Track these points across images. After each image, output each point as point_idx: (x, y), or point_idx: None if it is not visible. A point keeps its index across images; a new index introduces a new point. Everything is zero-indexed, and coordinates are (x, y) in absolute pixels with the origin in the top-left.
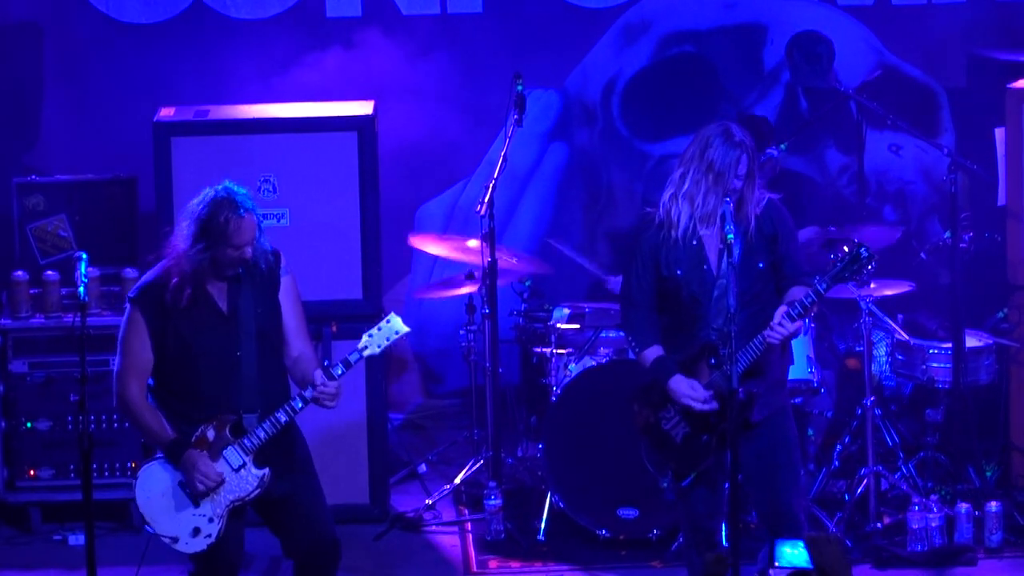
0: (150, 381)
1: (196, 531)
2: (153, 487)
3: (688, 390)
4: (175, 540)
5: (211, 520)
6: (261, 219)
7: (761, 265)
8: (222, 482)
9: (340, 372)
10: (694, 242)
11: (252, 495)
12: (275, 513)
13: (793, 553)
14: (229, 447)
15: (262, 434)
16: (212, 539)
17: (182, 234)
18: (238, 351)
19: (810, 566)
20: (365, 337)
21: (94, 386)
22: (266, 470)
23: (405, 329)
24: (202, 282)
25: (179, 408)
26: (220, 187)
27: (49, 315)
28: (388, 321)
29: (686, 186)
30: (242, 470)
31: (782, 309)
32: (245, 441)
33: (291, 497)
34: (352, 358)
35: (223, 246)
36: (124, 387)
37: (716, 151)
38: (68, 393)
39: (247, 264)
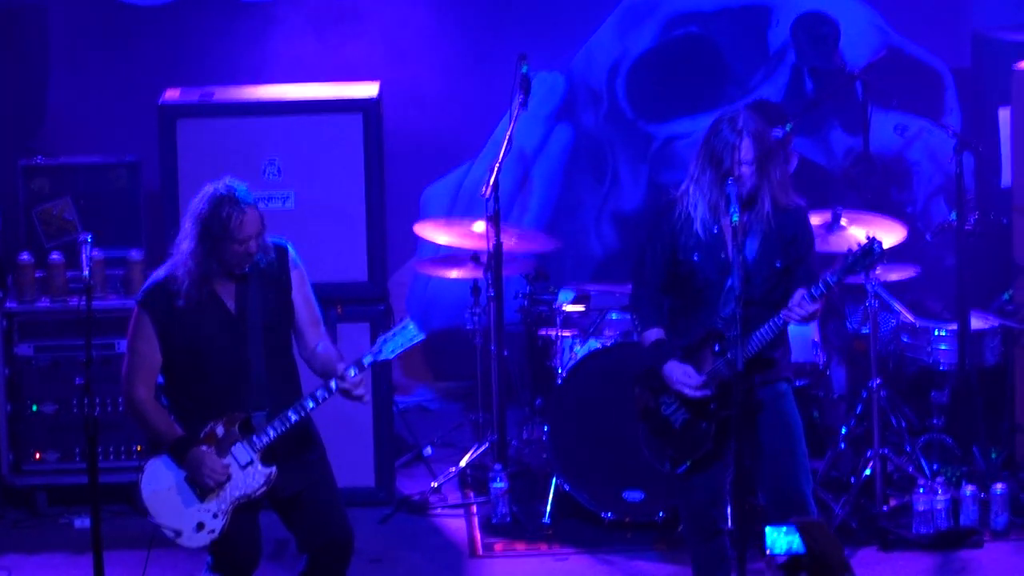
0: (160, 380)
1: (200, 526)
2: (159, 481)
3: (681, 376)
4: (178, 534)
5: (215, 516)
6: (263, 213)
7: (778, 264)
8: (229, 477)
9: (353, 374)
10: (715, 230)
11: (258, 492)
12: (288, 510)
13: (785, 538)
14: (237, 444)
15: (272, 432)
16: (215, 535)
17: (185, 234)
18: (247, 350)
19: (803, 550)
20: (379, 341)
21: (100, 369)
22: (273, 468)
23: (420, 336)
24: (209, 282)
25: (189, 407)
26: (220, 183)
27: (54, 298)
28: (404, 327)
29: (695, 176)
30: (249, 467)
31: (800, 291)
32: (254, 439)
33: (303, 495)
34: (365, 361)
35: (227, 242)
36: (131, 389)
37: (718, 139)
38: (74, 376)
39: (253, 261)
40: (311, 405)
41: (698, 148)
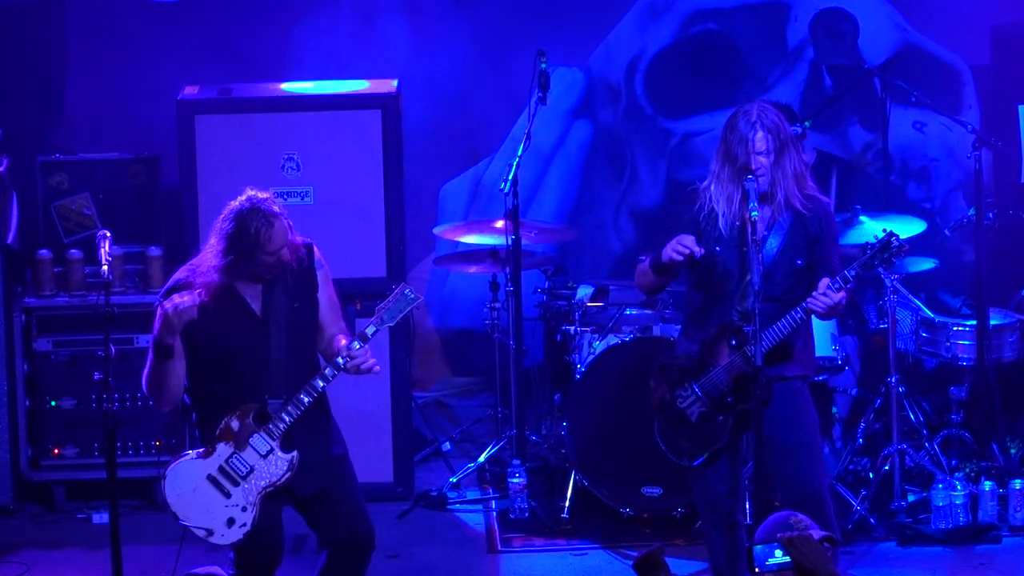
0: (185, 381)
1: (231, 521)
2: (183, 484)
3: (674, 243)
4: (210, 533)
5: (244, 509)
6: (290, 221)
7: (799, 262)
8: (270, 451)
9: (358, 347)
10: (737, 223)
11: (283, 479)
12: (310, 508)
13: (767, 554)
14: (255, 435)
15: (287, 418)
16: (248, 527)
17: (213, 252)
18: (270, 351)
19: (789, 565)
20: (378, 310)
21: (118, 365)
22: (294, 453)
23: (418, 298)
24: (233, 285)
25: (212, 404)
26: (243, 199)
27: (73, 293)
28: (401, 292)
29: (716, 172)
30: (270, 455)
31: (825, 280)
32: (270, 427)
33: (326, 492)
34: (368, 331)
35: (259, 254)
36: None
37: (733, 133)
38: (92, 371)
39: (285, 267)
40: (321, 384)
41: (717, 144)
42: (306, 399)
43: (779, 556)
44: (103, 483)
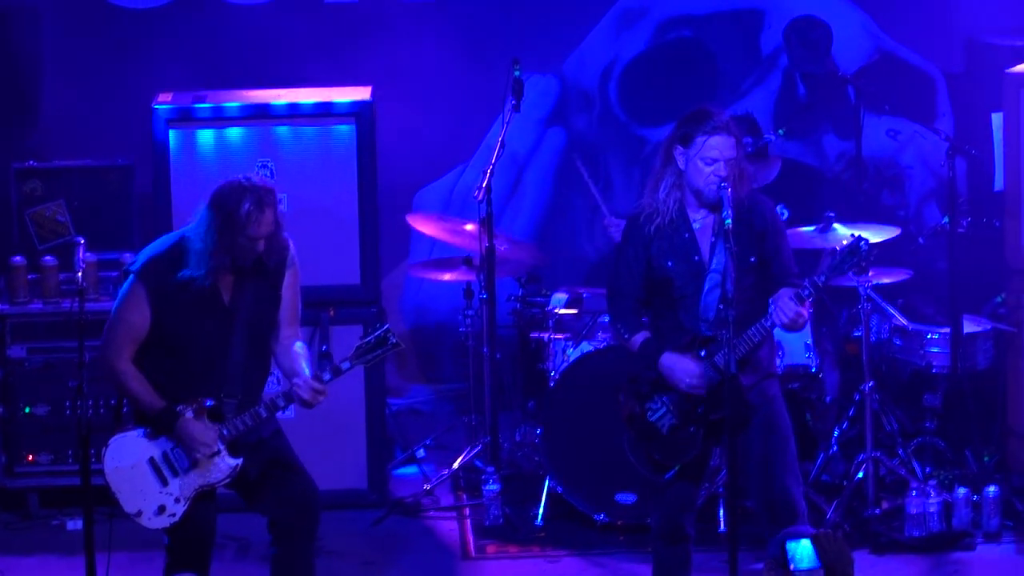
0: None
1: (162, 508)
2: (124, 458)
3: (684, 365)
4: (139, 514)
5: (177, 500)
6: (281, 215)
7: (752, 259)
8: (217, 452)
9: (328, 378)
10: (686, 235)
11: (221, 482)
12: (253, 489)
13: (803, 552)
14: None
15: (241, 425)
16: (176, 519)
17: (203, 222)
18: (231, 341)
19: (817, 565)
20: (357, 347)
21: (93, 371)
22: (239, 461)
23: (398, 345)
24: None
25: (161, 382)
26: (243, 177)
27: (47, 300)
28: (382, 333)
29: (669, 182)
30: (216, 457)
31: (784, 291)
32: (223, 429)
33: (266, 471)
34: (344, 367)
35: (237, 235)
36: (116, 353)
37: (704, 137)
38: (66, 378)
39: (257, 257)
40: (283, 403)
41: (664, 151)
42: (264, 414)
43: (808, 553)
44: (77, 490)
